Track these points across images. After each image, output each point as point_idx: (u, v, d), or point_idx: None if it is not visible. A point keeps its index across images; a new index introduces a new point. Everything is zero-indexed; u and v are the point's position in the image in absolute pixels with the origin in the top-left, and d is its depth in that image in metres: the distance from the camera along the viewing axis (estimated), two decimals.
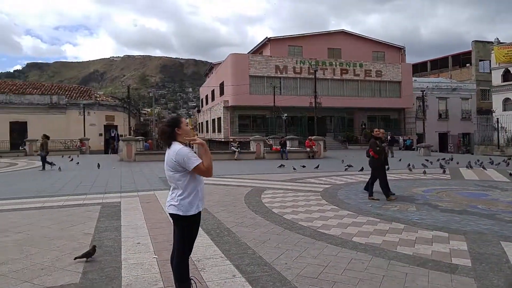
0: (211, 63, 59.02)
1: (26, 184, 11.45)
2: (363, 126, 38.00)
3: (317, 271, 3.87)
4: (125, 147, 21.14)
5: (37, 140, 28.92)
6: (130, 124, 36.03)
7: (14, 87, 34.25)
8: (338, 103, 36.20)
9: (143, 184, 10.94)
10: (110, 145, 33.49)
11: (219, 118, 37.65)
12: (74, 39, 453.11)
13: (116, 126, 34.56)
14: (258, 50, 41.25)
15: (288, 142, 23.98)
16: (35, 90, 33.93)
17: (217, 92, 40.44)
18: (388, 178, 8.37)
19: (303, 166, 16.02)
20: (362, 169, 13.69)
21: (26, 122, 30.84)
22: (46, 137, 16.61)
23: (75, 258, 4.19)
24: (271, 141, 24.97)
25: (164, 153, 3.12)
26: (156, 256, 4.37)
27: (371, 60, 39.77)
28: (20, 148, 28.54)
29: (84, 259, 4.17)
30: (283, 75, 35.65)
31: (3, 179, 12.99)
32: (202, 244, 4.75)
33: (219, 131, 37.37)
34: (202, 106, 53.87)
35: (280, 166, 15.84)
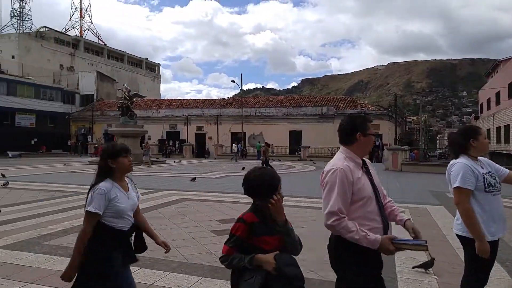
0: (495, 60, 50.74)
1: (302, 184, 13.35)
2: None
3: None
4: (390, 156, 21.19)
5: (309, 147, 33.65)
6: (396, 133, 35.90)
7: (293, 101, 40.93)
8: None
9: (412, 196, 10.58)
10: (374, 153, 34.41)
11: (507, 126, 31.76)
12: (338, 53, 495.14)
13: (381, 134, 35.18)
14: None
15: None
16: (308, 103, 39.29)
17: (504, 94, 34.29)
18: None
19: None
20: None
21: (301, 131, 36.19)
22: (267, 145, 19.98)
23: (413, 268, 4.28)
24: None
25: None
26: (435, 277, 4.09)
27: None
28: (296, 153, 33.73)
29: (422, 269, 4.20)
30: None
31: (286, 179, 15.68)
32: (495, 276, 4.08)
33: (507, 141, 31.49)
34: (481, 112, 47.01)
35: None
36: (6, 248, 5.01)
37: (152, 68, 77.44)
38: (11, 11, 62.62)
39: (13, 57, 47.27)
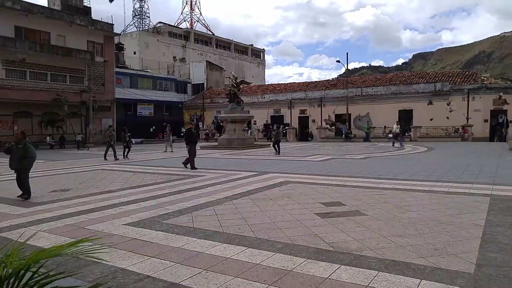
0: None
1: (414, 166, 12.53)
2: None
3: None
4: None
5: (420, 126, 31.23)
6: None
7: (403, 78, 38.01)
8: None
9: None
10: (497, 132, 30.46)
11: None
12: (449, 24, 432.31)
13: (505, 110, 30.86)
14: None
15: None
16: (420, 79, 36.15)
17: None
18: None
19: None
20: None
21: (411, 110, 33.67)
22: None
23: None
24: None
25: None
26: None
27: None
28: (406, 134, 31.57)
29: None
30: None
31: (395, 161, 14.89)
32: None
33: None
34: None
35: None
36: (132, 225, 5.75)
37: (257, 54, 79.38)
38: (133, 10, 71.35)
39: (134, 53, 53.01)
